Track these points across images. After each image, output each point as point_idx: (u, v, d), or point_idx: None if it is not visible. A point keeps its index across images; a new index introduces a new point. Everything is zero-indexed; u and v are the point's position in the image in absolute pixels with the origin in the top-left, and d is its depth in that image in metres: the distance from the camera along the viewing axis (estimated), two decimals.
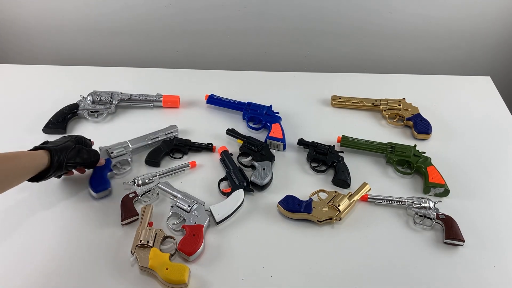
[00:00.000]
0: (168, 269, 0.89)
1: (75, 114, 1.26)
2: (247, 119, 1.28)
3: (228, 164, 1.14)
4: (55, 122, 1.22)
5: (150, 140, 1.19)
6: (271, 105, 1.29)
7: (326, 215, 1.01)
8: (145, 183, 1.07)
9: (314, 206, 1.02)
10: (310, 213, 1.01)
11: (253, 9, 1.62)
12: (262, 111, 1.28)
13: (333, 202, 1.03)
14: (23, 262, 0.94)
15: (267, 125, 1.25)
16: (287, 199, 1.04)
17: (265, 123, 1.26)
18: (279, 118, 1.27)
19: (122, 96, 1.30)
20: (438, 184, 1.08)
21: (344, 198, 1.04)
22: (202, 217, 1.01)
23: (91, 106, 1.27)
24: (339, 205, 1.02)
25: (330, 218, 1.01)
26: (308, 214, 1.01)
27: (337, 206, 1.02)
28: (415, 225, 1.02)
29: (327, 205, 1.03)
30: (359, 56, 1.77)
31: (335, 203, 1.02)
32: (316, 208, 1.02)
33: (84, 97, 1.29)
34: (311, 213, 1.01)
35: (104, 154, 1.13)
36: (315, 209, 1.02)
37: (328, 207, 1.02)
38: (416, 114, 1.29)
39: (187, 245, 0.95)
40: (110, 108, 1.27)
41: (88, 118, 1.26)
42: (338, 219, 1.02)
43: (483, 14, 1.63)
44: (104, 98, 1.28)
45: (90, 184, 1.06)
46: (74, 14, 1.64)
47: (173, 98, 1.32)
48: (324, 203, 1.03)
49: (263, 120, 1.26)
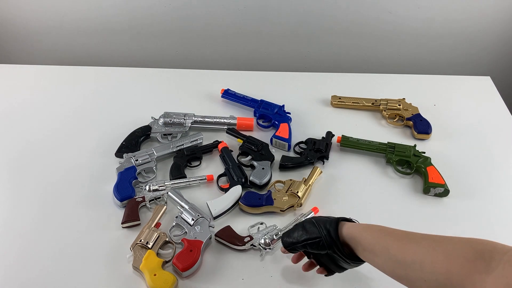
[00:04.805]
0: (156, 275, 0.88)
1: (148, 136, 1.22)
2: (257, 116, 1.29)
3: (227, 161, 1.14)
4: (128, 146, 1.18)
5: (175, 147, 1.18)
6: (283, 105, 1.30)
7: (287, 204, 1.05)
8: (156, 190, 1.07)
9: (274, 197, 1.05)
10: (272, 204, 1.04)
11: (253, 9, 1.62)
12: (273, 109, 1.29)
13: (291, 190, 1.07)
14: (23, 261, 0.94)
15: (275, 123, 1.26)
16: (247, 195, 1.06)
17: (274, 121, 1.26)
18: (289, 119, 1.27)
19: (195, 118, 1.24)
20: (438, 184, 1.08)
21: (301, 184, 1.08)
22: (204, 233, 0.97)
23: (164, 129, 1.23)
24: (297, 191, 1.06)
25: (291, 205, 1.05)
26: (270, 206, 1.04)
27: (296, 193, 1.06)
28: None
29: (286, 194, 1.06)
30: (359, 56, 1.77)
31: (294, 190, 1.06)
32: (276, 199, 1.05)
33: (156, 119, 1.24)
34: (273, 205, 1.04)
35: (128, 162, 1.12)
36: (275, 200, 1.05)
37: (288, 195, 1.06)
38: (416, 114, 1.29)
39: (182, 260, 0.91)
40: (183, 131, 1.23)
41: (161, 140, 1.21)
42: (299, 205, 1.05)
43: (483, 14, 1.63)
44: (178, 120, 1.23)
45: (115, 191, 1.05)
46: (74, 14, 1.64)
47: (247, 120, 1.26)
48: (283, 193, 1.06)
49: (273, 119, 1.27)
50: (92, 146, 1.20)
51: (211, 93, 1.39)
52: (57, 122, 1.28)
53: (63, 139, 1.23)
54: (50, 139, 1.23)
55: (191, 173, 1.15)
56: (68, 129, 1.26)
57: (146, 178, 1.12)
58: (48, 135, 1.24)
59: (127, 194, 1.05)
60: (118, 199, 1.04)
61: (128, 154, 1.14)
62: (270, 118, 1.28)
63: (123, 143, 1.19)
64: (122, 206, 1.05)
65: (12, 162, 1.16)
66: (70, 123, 1.28)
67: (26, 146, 1.20)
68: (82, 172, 1.13)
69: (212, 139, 1.22)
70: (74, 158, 1.17)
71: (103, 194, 1.08)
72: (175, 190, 1.07)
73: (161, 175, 1.14)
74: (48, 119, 1.29)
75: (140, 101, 1.36)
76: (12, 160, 1.17)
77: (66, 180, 1.11)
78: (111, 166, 1.13)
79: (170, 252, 0.96)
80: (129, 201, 1.04)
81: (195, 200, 1.06)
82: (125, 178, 1.08)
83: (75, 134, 1.24)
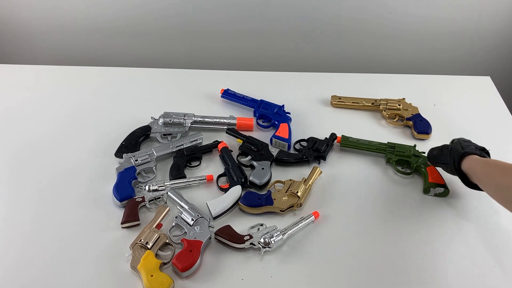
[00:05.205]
0: (152, 277, 0.88)
1: (148, 136, 1.22)
2: (257, 116, 1.29)
3: (227, 161, 1.14)
4: (128, 146, 1.18)
5: (174, 147, 1.18)
6: (283, 105, 1.30)
7: (287, 204, 1.04)
8: (156, 190, 1.06)
9: (274, 197, 1.05)
10: (272, 204, 1.03)
11: (253, 9, 1.62)
12: (273, 109, 1.29)
13: (291, 190, 1.06)
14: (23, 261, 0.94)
15: (275, 123, 1.26)
16: (247, 195, 1.05)
17: (274, 122, 1.26)
18: (289, 119, 1.27)
19: (195, 118, 1.24)
20: (438, 184, 1.08)
21: (300, 184, 1.07)
22: (204, 233, 0.97)
23: (164, 129, 1.23)
24: (297, 191, 1.05)
25: (291, 205, 1.04)
26: (270, 206, 1.04)
27: (296, 193, 1.05)
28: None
29: (286, 194, 1.05)
30: (359, 56, 1.77)
31: (294, 191, 1.05)
32: (276, 199, 1.04)
33: (155, 119, 1.24)
34: (273, 205, 1.03)
35: (128, 162, 1.12)
36: (275, 200, 1.04)
37: (288, 195, 1.05)
38: (416, 114, 1.29)
39: (181, 260, 0.91)
40: (183, 131, 1.23)
41: (161, 140, 1.21)
42: (299, 205, 1.05)
43: (483, 14, 1.63)
44: (177, 120, 1.23)
45: (114, 191, 1.05)
46: (74, 14, 1.64)
47: (247, 120, 1.26)
48: (282, 193, 1.06)
49: (273, 119, 1.27)
50: (92, 146, 1.20)
51: (211, 93, 1.39)
52: (57, 122, 1.28)
53: (63, 139, 1.23)
54: (50, 139, 1.23)
55: (191, 173, 1.14)
56: (68, 129, 1.26)
57: (145, 178, 1.12)
58: (48, 135, 1.24)
59: (126, 194, 1.05)
60: (117, 199, 1.04)
61: (128, 154, 1.13)
62: (270, 118, 1.28)
63: (122, 143, 1.19)
64: (122, 206, 1.04)
65: (12, 162, 1.16)
66: (70, 123, 1.28)
67: (26, 146, 1.20)
68: (82, 172, 1.13)
69: (212, 139, 1.22)
70: (73, 158, 1.17)
71: (102, 194, 1.08)
72: (174, 190, 1.07)
73: (161, 175, 1.14)
74: (48, 119, 1.29)
75: (139, 101, 1.36)
76: (12, 160, 1.17)
77: (65, 180, 1.11)
78: (110, 166, 1.13)
79: (169, 254, 0.96)
80: (129, 201, 1.04)
81: (195, 200, 1.06)
82: (125, 178, 1.08)
83: (74, 134, 1.24)
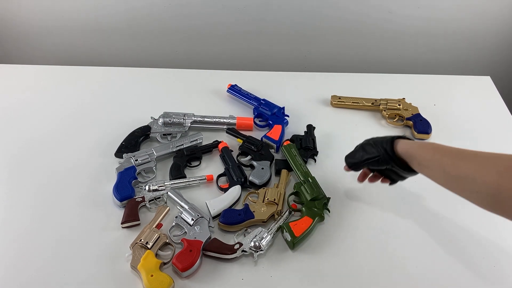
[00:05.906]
0: (152, 276, 0.88)
1: (148, 136, 1.22)
2: (255, 115, 1.29)
3: (227, 160, 1.14)
4: (127, 146, 1.18)
5: (174, 147, 1.17)
6: (283, 107, 1.29)
7: (268, 214, 1.02)
8: (156, 190, 1.06)
9: (253, 210, 1.02)
10: (253, 217, 1.01)
11: (253, 9, 1.62)
12: (272, 110, 1.28)
13: (268, 198, 1.04)
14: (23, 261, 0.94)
15: (270, 124, 1.26)
16: (225, 214, 1.01)
17: (269, 122, 1.26)
18: (285, 122, 1.27)
19: (195, 118, 1.24)
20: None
21: (274, 191, 1.05)
22: (204, 233, 0.97)
23: (164, 129, 1.23)
24: (274, 199, 1.03)
25: (272, 214, 1.02)
26: (252, 220, 1.01)
27: (273, 201, 1.03)
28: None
29: (264, 203, 1.03)
30: (359, 56, 1.77)
31: (271, 199, 1.03)
32: (256, 211, 1.02)
33: (155, 119, 1.24)
34: (254, 218, 1.01)
35: (128, 162, 1.12)
36: (255, 212, 1.02)
37: (266, 205, 1.03)
38: (416, 114, 1.29)
39: (181, 260, 0.91)
40: (183, 131, 1.23)
41: (161, 140, 1.21)
42: (279, 212, 1.03)
43: (483, 14, 1.63)
44: (177, 120, 1.23)
45: (114, 191, 1.05)
46: (74, 14, 1.64)
47: (247, 120, 1.26)
48: (260, 203, 1.04)
49: (269, 119, 1.27)
50: (92, 146, 1.20)
51: (210, 93, 1.39)
52: (57, 122, 1.28)
53: (62, 139, 1.23)
54: (49, 139, 1.23)
55: (190, 173, 1.14)
56: (67, 129, 1.26)
57: (145, 178, 1.12)
58: (48, 135, 1.24)
59: (126, 194, 1.05)
60: (117, 199, 1.04)
61: (128, 154, 1.14)
62: (267, 118, 1.28)
63: (122, 143, 1.19)
64: (122, 206, 1.04)
65: (12, 162, 1.16)
66: (69, 123, 1.28)
67: (25, 146, 1.20)
68: (82, 172, 1.13)
69: (212, 139, 1.22)
70: (73, 158, 1.17)
71: (102, 194, 1.08)
72: (174, 190, 1.07)
73: (161, 175, 1.14)
74: (47, 119, 1.29)
75: (139, 101, 1.36)
76: (12, 160, 1.17)
77: (65, 180, 1.11)
78: (110, 166, 1.13)
79: (169, 253, 0.96)
80: (129, 201, 1.04)
81: (195, 200, 1.06)
82: (125, 178, 1.08)
83: (74, 134, 1.24)
